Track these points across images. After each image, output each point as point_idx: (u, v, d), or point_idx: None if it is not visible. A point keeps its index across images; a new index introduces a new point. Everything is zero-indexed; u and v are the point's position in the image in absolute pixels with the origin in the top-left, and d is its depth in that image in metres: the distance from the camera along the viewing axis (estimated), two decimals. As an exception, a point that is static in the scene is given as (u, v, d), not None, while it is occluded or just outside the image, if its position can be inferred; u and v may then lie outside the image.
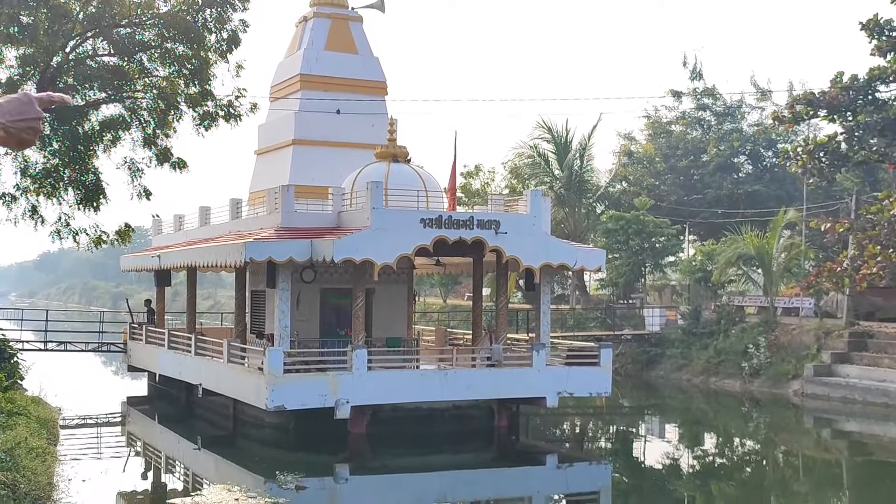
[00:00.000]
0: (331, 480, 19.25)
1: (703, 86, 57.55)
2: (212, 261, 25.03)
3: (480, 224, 22.43)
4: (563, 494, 19.64)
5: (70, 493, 15.96)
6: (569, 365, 24.06)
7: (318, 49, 28.20)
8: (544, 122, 51.35)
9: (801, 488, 20.47)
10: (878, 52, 33.76)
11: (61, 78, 21.62)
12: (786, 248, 40.14)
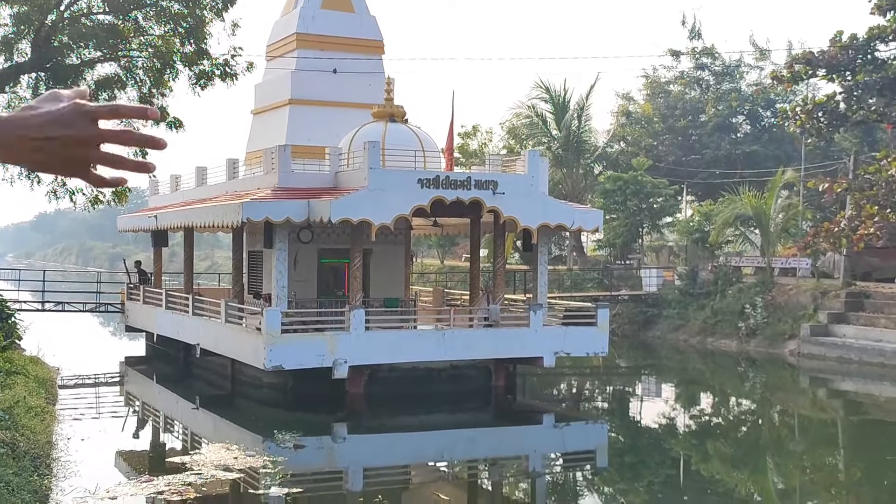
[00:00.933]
0: (329, 439, 19.34)
1: (702, 45, 57.32)
2: (209, 221, 24.99)
3: (478, 184, 22.39)
4: (559, 453, 19.73)
5: (69, 452, 16.01)
6: (566, 325, 24.11)
7: (315, 7, 28.02)
8: (542, 82, 51.20)
9: (796, 447, 20.60)
10: (877, 10, 33.61)
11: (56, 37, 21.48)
12: (783, 209, 40.11)
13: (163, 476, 14.74)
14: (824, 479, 17.32)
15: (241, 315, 23.10)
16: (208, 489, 14.10)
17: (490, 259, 26.20)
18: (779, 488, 16.81)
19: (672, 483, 17.22)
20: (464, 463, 18.11)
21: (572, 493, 16.25)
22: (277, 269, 22.46)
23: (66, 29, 21.72)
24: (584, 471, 18.09)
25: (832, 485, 16.83)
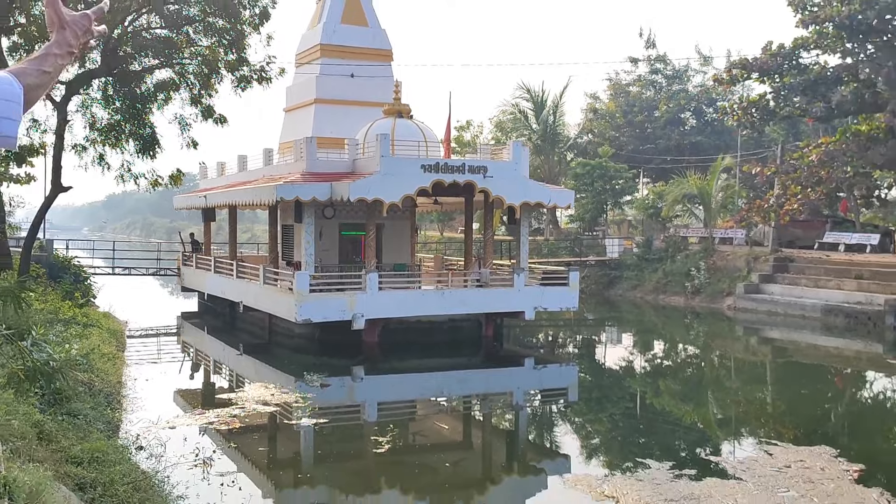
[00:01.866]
0: (349, 379, 19.44)
1: (656, 53, 57.36)
2: (249, 200, 24.99)
3: (471, 169, 22.39)
4: (538, 390, 19.85)
5: (136, 391, 16.11)
6: (543, 285, 24.21)
7: (335, 23, 27.93)
8: (524, 84, 51.44)
9: (731, 384, 20.73)
10: (801, 24, 33.58)
11: (121, 47, 21.39)
12: (723, 189, 40.20)
13: (213, 409, 14.83)
14: (754, 409, 17.44)
15: (276, 278, 23.17)
16: (250, 420, 14.18)
17: (481, 231, 26.19)
18: (717, 417, 16.93)
19: (630, 413, 17.35)
20: (459, 398, 18.21)
21: (549, 422, 16.36)
22: (305, 240, 22.50)
23: (130, 41, 21.62)
24: (558, 404, 18.19)
25: (761, 413, 16.95)
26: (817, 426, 15.52)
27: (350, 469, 12.41)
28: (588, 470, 12.16)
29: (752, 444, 13.68)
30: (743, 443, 14.13)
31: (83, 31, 2.14)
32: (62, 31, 2.11)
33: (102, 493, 7.39)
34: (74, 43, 2.11)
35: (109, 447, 8.99)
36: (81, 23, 2.13)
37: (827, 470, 11.62)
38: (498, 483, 12.39)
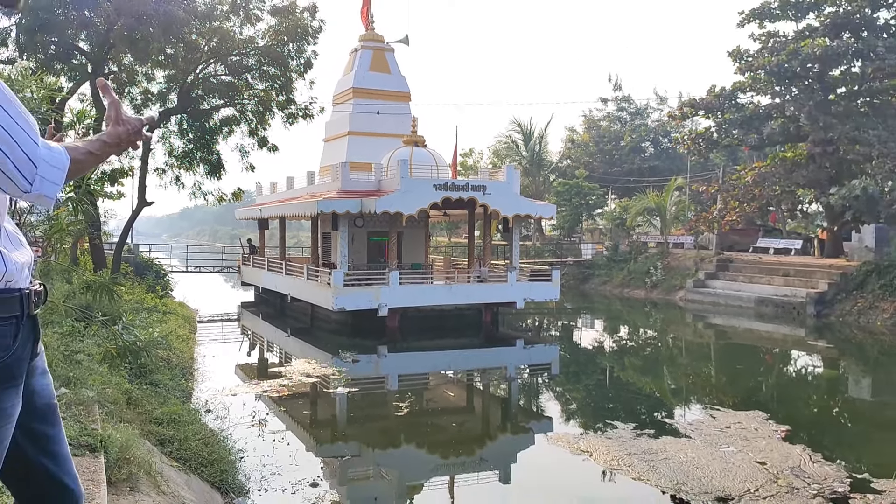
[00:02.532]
0: (375, 356, 19.45)
1: (622, 94, 57.20)
2: (295, 213, 25.06)
3: (473, 188, 22.40)
4: (527, 365, 19.84)
5: (205, 366, 16.16)
6: (531, 281, 24.19)
7: (365, 71, 27.96)
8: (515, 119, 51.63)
9: (683, 361, 20.67)
10: (739, 71, 33.55)
11: (194, 90, 21.47)
12: (675, 203, 40.07)
13: (266, 380, 14.86)
14: (701, 380, 17.39)
15: (317, 274, 23.21)
16: (296, 389, 14.21)
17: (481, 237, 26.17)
18: (671, 387, 16.89)
19: (601, 384, 17.32)
20: (464, 371, 18.21)
21: (535, 391, 16.34)
22: (340, 244, 22.54)
23: (200, 85, 21.67)
24: (543, 377, 18.17)
25: (706, 384, 16.90)
26: (751, 394, 15.47)
27: (376, 428, 12.42)
28: (567, 430, 12.15)
29: (699, 409, 13.64)
30: (691, 408, 14.10)
31: (134, 130, 1.98)
32: (116, 126, 1.95)
33: (178, 447, 7.41)
34: (125, 139, 1.96)
35: (184, 410, 9.01)
36: (134, 123, 1.97)
37: (760, 430, 11.58)
38: (494, 440, 12.38)
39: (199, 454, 7.42)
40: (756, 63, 32.06)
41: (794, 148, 33.96)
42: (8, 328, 1.77)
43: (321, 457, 10.41)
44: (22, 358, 1.81)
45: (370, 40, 28.42)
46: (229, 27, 21.13)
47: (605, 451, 10.35)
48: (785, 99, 32.68)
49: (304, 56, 21.99)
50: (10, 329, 1.77)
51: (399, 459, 10.77)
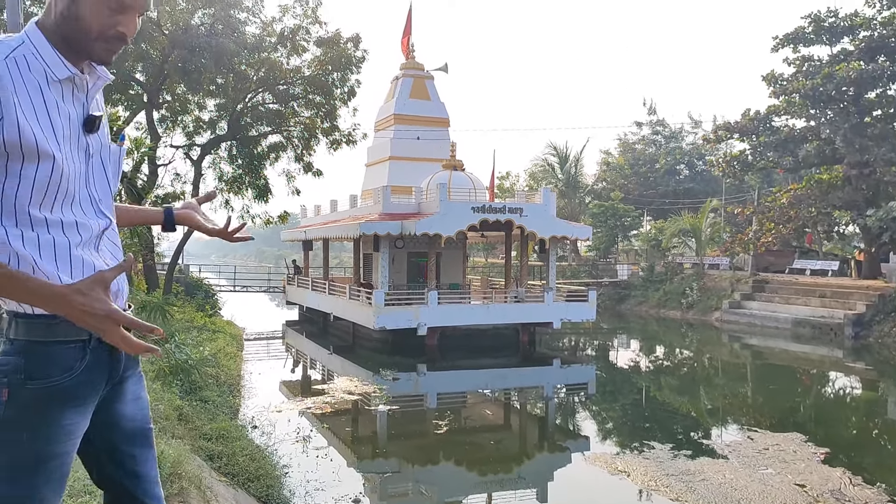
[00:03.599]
0: (414, 374, 19.44)
1: (656, 118, 56.81)
2: (339, 235, 25.28)
3: (510, 210, 22.38)
4: (563, 384, 19.63)
5: (251, 382, 16.31)
6: (568, 301, 24.01)
7: (405, 98, 28.21)
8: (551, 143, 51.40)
9: (719, 381, 20.29)
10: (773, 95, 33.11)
11: (243, 118, 21.89)
12: (710, 225, 39.55)
13: (310, 397, 14.95)
14: (737, 401, 17.04)
15: (359, 294, 23.34)
16: (339, 406, 14.26)
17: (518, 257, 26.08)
18: (707, 407, 16.57)
19: (637, 404, 17.07)
20: (501, 390, 18.11)
21: (571, 410, 16.17)
22: (381, 265, 22.64)
23: (249, 113, 22.09)
24: (580, 396, 17.98)
25: (742, 405, 16.55)
26: (789, 416, 15.10)
27: (415, 445, 12.39)
28: (604, 449, 11.98)
29: (736, 430, 13.36)
30: (728, 428, 13.80)
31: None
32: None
33: (227, 462, 7.47)
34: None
35: (232, 426, 9.10)
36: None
37: (798, 452, 11.29)
38: (531, 458, 12.26)
39: (246, 469, 7.47)
40: (791, 87, 31.62)
41: (829, 170, 33.31)
42: (71, 351, 1.79)
43: (363, 473, 10.41)
44: (89, 381, 1.83)
45: (411, 69, 28.70)
46: (277, 58, 21.54)
47: (642, 471, 10.18)
48: (820, 122, 32.12)
49: (348, 85, 22.29)
50: (75, 352, 1.79)
51: (438, 476, 10.72)
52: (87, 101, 1.82)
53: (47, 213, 1.74)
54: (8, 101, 1.62)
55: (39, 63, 1.70)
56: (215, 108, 22.19)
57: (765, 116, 33.26)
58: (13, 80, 1.64)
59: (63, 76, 1.73)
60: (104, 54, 1.79)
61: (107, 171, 1.88)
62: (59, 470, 1.78)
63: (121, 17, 1.76)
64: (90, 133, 1.82)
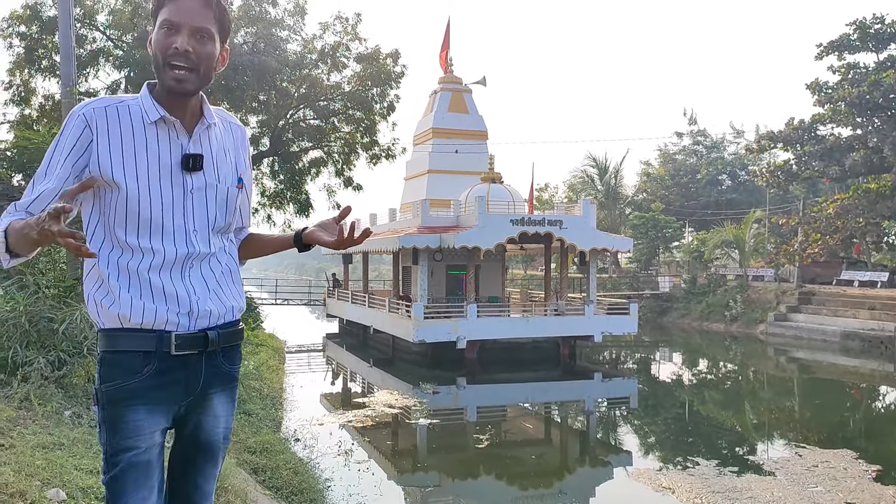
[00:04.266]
0: (454, 388, 19.42)
1: (697, 128, 56.15)
2: (378, 248, 25.44)
3: (549, 222, 22.31)
4: (605, 398, 19.44)
5: (293, 394, 16.47)
6: (609, 314, 23.77)
7: (444, 112, 28.34)
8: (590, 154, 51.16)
9: (764, 395, 19.89)
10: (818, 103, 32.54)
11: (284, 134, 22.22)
12: (754, 236, 38.91)
13: (351, 410, 15.03)
14: (784, 416, 16.68)
15: (398, 307, 23.43)
16: (379, 420, 14.31)
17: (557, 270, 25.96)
18: (753, 422, 16.26)
19: (681, 418, 16.82)
20: (541, 404, 18.00)
21: (613, 424, 15.99)
22: (420, 278, 22.72)
23: (290, 129, 22.45)
24: (621, 410, 17.78)
25: (790, 420, 16.20)
26: (839, 431, 14.73)
27: (456, 459, 12.38)
28: (647, 464, 11.82)
29: (783, 446, 13.07)
30: (775, 444, 13.51)
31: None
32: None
33: (271, 475, 7.56)
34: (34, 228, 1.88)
35: (275, 440, 9.20)
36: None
37: (849, 469, 11.00)
38: (573, 472, 12.15)
39: (289, 483, 7.54)
40: (836, 95, 31.03)
41: (877, 179, 32.54)
42: (135, 358, 1.99)
43: (404, 486, 10.43)
44: (158, 386, 2.00)
45: (449, 82, 28.86)
46: (318, 74, 21.87)
47: (687, 488, 10.02)
48: (867, 130, 31.43)
49: (387, 100, 22.52)
50: (139, 359, 1.99)
51: (479, 491, 10.69)
52: (190, 142, 2.02)
53: (126, 236, 1.98)
54: (97, 142, 1.93)
55: (139, 109, 1.97)
56: (258, 125, 22.58)
57: (809, 125, 32.67)
58: (108, 124, 1.94)
59: (154, 118, 1.96)
60: (172, 82, 1.95)
61: (209, 206, 2.06)
62: (136, 460, 1.96)
63: (175, 36, 1.94)
64: (191, 171, 2.01)
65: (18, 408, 6.05)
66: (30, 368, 6.53)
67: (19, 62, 21.60)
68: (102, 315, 2.02)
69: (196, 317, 2.04)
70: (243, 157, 2.20)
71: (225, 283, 2.14)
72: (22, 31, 21.30)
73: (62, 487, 4.31)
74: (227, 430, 2.20)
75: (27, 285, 7.13)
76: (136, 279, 1.99)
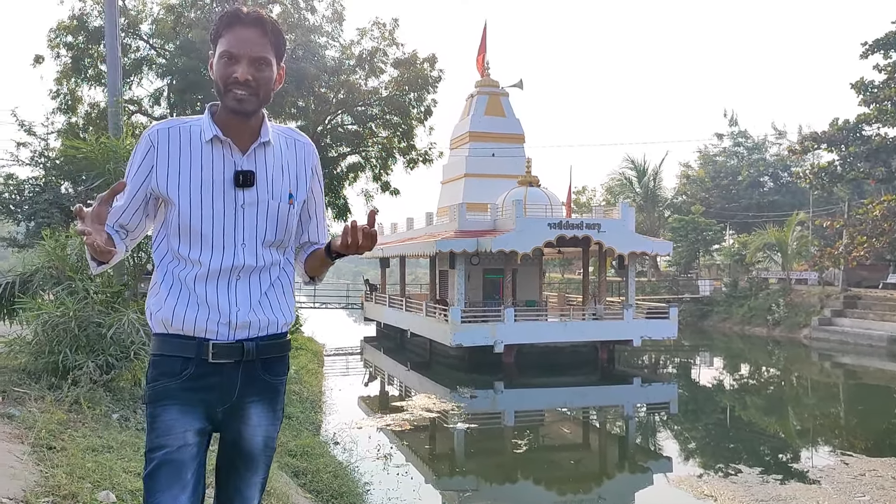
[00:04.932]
0: (492, 392, 19.41)
1: (738, 129, 55.27)
2: (415, 252, 25.54)
3: (587, 226, 22.18)
4: (644, 403, 19.25)
5: (332, 398, 16.61)
6: (648, 318, 23.56)
7: (480, 115, 28.36)
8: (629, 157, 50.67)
9: (809, 401, 19.51)
10: (864, 103, 31.84)
11: (322, 140, 22.44)
12: (797, 239, 38.19)
13: (389, 414, 15.12)
14: (830, 422, 16.33)
15: (435, 311, 23.49)
16: (417, 423, 14.36)
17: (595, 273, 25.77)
18: (797, 429, 15.96)
19: (722, 424, 16.57)
20: (580, 409, 17.88)
21: (653, 430, 15.83)
22: (457, 282, 22.76)
23: (329, 134, 22.68)
24: (661, 415, 17.59)
25: (835, 426, 15.86)
26: (887, 439, 14.38)
27: (494, 463, 12.37)
28: (687, 471, 11.67)
29: (829, 454, 12.80)
30: (820, 452, 13.24)
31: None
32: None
33: (311, 479, 7.65)
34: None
35: (315, 443, 9.30)
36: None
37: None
38: (612, 478, 12.06)
39: (330, 486, 7.62)
40: (882, 94, 30.32)
41: (926, 180, 31.73)
42: (176, 362, 2.11)
43: (442, 490, 10.46)
44: (193, 389, 2.11)
45: (485, 86, 28.87)
46: (356, 80, 22.07)
47: (730, 496, 9.87)
48: (915, 129, 30.67)
49: (424, 104, 22.64)
50: (179, 364, 2.11)
51: (517, 495, 10.68)
52: (244, 159, 2.12)
53: (180, 247, 2.12)
54: (156, 160, 2.08)
55: (199, 130, 2.10)
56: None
57: (854, 125, 31.96)
58: (168, 144, 2.08)
59: (209, 137, 2.08)
60: (234, 103, 2.07)
61: (259, 221, 2.15)
62: (167, 458, 2.06)
63: (235, 66, 2.05)
64: (242, 187, 2.10)
65: (69, 411, 6.23)
66: (79, 372, 6.72)
67: (66, 71, 22.19)
68: (153, 320, 2.16)
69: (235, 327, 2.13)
70: (306, 174, 2.26)
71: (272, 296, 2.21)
72: (69, 42, 21.87)
73: (112, 490, 4.43)
74: (267, 439, 2.25)
75: (76, 291, 7.33)
76: (184, 287, 2.11)
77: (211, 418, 2.15)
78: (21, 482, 4.27)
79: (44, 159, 15.07)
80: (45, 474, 4.52)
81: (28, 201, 13.35)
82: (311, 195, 2.32)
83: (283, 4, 22.59)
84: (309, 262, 2.38)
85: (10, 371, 7.16)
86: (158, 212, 2.18)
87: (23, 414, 5.87)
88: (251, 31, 2.05)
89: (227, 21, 2.06)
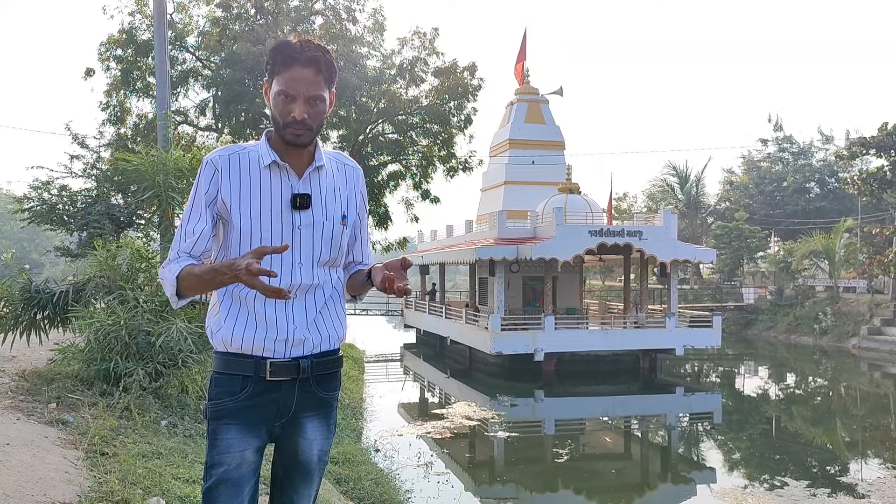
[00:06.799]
0: (532, 400, 19.34)
1: (783, 135, 54.17)
2: (455, 259, 25.61)
3: (629, 233, 22.00)
4: (687, 413, 18.97)
5: (372, 404, 16.72)
6: (691, 326, 23.23)
7: (520, 122, 28.38)
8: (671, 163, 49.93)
9: (858, 412, 19.02)
10: (914, 106, 30.83)
11: (363, 149, 22.65)
12: (845, 246, 37.30)
13: (429, 421, 15.16)
14: (879, 435, 15.91)
15: (475, 318, 23.49)
16: (457, 431, 14.39)
17: (637, 281, 25.52)
18: (846, 441, 15.58)
19: (767, 435, 16.26)
20: (621, 418, 17.71)
21: (696, 440, 15.61)
22: (497, 289, 22.74)
23: (370, 143, 22.85)
24: (705, 426, 17.33)
25: (886, 439, 15.45)
26: (940, 454, 13.95)
27: (534, 472, 12.34)
28: (731, 482, 11.49)
29: (878, 467, 12.49)
30: (869, 465, 12.92)
31: (238, 271, 1.98)
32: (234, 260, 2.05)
33: (353, 486, 7.73)
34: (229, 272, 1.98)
35: (356, 450, 9.40)
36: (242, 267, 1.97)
37: (951, 494, 10.42)
38: (654, 489, 11.93)
39: (371, 494, 7.69)
40: (933, 96, 29.48)
41: (981, 185, 30.75)
42: (236, 380, 2.18)
43: (482, 498, 10.47)
44: (251, 407, 2.18)
45: (525, 94, 28.88)
46: (396, 89, 22.24)
47: (774, 508, 9.70)
48: (969, 133, 29.76)
49: (464, 113, 22.68)
50: (239, 382, 2.18)
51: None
52: (300, 182, 2.19)
53: None
54: (219, 184, 2.16)
55: (257, 155, 2.19)
56: (338, 140, 23.09)
57: (905, 130, 31.13)
58: (230, 169, 2.16)
59: (268, 162, 2.17)
60: (292, 137, 2.16)
61: (315, 241, 2.21)
62: (226, 476, 2.15)
63: (292, 105, 2.13)
64: (299, 209, 2.19)
65: (120, 417, 6.41)
66: (129, 379, 6.91)
67: (115, 84, 22.80)
68: (213, 339, 2.24)
69: (291, 345, 2.21)
70: (355, 196, 2.35)
71: (326, 314, 2.30)
72: (118, 55, 22.47)
73: (162, 496, 4.55)
74: (321, 453, 2.34)
75: (127, 300, 7.53)
76: (243, 306, 2.19)
77: (269, 432, 2.24)
78: (76, 487, 4.43)
79: (96, 171, 15.54)
80: (99, 480, 4.67)
81: (81, 212, 13.77)
82: (358, 217, 2.40)
83: (324, 16, 22.92)
84: (350, 282, 2.44)
85: (63, 378, 7.40)
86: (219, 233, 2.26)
87: (76, 420, 6.06)
88: (307, 70, 2.13)
89: (283, 61, 2.14)
